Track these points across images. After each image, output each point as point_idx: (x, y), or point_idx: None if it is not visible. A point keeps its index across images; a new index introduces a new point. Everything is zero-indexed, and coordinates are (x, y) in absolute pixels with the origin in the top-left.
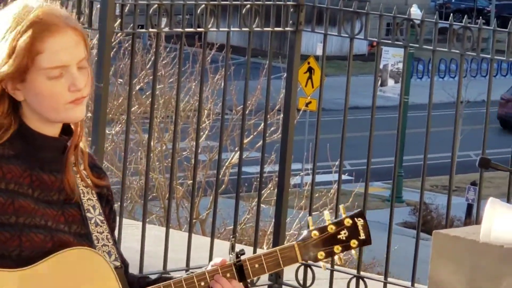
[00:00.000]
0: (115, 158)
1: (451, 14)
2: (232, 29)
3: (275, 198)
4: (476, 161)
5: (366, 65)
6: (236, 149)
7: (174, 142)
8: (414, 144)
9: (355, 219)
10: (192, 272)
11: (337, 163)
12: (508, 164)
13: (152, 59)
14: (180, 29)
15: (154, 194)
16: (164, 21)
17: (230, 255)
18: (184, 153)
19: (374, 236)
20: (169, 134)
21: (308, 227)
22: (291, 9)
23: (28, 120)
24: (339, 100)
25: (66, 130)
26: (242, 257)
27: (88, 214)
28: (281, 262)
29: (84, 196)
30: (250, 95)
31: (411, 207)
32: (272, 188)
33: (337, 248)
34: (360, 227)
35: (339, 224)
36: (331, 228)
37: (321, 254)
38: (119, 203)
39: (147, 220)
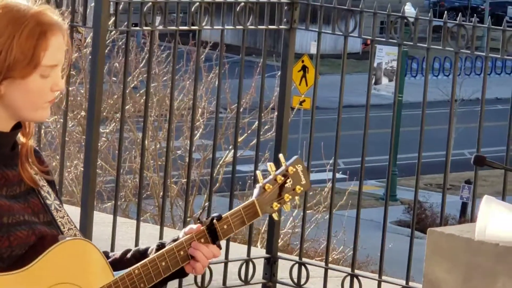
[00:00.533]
0: (109, 157)
1: (445, 12)
2: (226, 27)
3: None
4: (470, 159)
5: (360, 64)
6: (230, 147)
7: (168, 140)
8: (408, 142)
9: (296, 166)
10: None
11: (331, 161)
12: (503, 161)
13: (146, 57)
14: (174, 27)
15: (149, 193)
16: (158, 19)
17: (200, 219)
18: (178, 151)
19: (369, 234)
20: (163, 133)
21: (258, 181)
22: (285, 7)
23: None
24: (333, 98)
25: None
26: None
27: (47, 201)
28: (245, 219)
29: (39, 184)
30: (244, 93)
31: (405, 206)
32: None
33: (287, 197)
34: (300, 173)
35: (285, 174)
36: (280, 179)
37: (275, 205)
38: (113, 201)
39: (142, 218)
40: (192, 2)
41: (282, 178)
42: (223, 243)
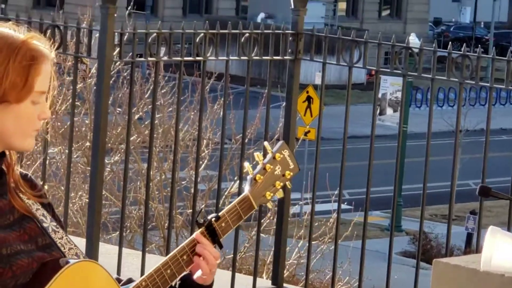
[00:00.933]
0: (114, 188)
1: (450, 42)
2: (231, 57)
3: (274, 227)
4: (475, 190)
5: (365, 94)
6: (236, 178)
7: (174, 171)
8: (413, 173)
9: (283, 152)
10: None
11: (336, 192)
12: (508, 192)
13: (151, 88)
14: (179, 58)
15: (154, 224)
16: (163, 50)
17: (199, 221)
18: (183, 182)
19: (374, 265)
20: (169, 164)
21: (248, 173)
22: (290, 38)
23: None
24: (338, 129)
25: None
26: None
27: (44, 224)
28: (241, 214)
29: (32, 207)
30: (249, 124)
31: (410, 236)
32: (271, 218)
33: (278, 184)
34: (288, 158)
35: (273, 162)
36: (269, 167)
37: (269, 194)
38: (118, 232)
39: (147, 249)
40: (197, 33)
41: (271, 166)
42: (228, 274)
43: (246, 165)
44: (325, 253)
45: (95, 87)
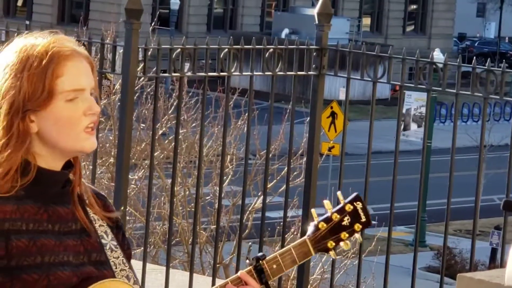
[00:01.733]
0: (138, 203)
1: (474, 57)
2: (255, 73)
3: None
4: (499, 205)
5: (389, 110)
6: (260, 193)
7: (198, 187)
8: (437, 188)
9: (354, 203)
10: None
11: None
12: None
13: (175, 103)
14: (203, 73)
15: (178, 239)
16: (187, 65)
17: (247, 261)
18: (207, 198)
19: (398, 280)
20: (193, 179)
21: (313, 219)
22: (314, 53)
23: (37, 157)
24: (362, 144)
25: (65, 164)
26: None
27: (103, 241)
28: (296, 258)
29: (96, 223)
30: (273, 139)
31: (434, 252)
32: (295, 233)
33: (344, 235)
34: (360, 211)
35: (342, 211)
36: (336, 217)
37: (331, 244)
38: (142, 248)
39: (171, 265)
40: (221, 48)
41: (338, 216)
42: None
43: (312, 211)
44: (349, 268)
45: (119, 103)
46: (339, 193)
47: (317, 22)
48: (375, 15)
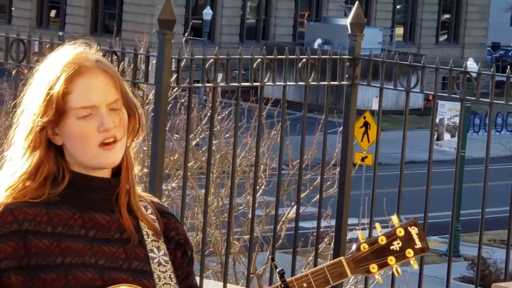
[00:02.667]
0: None
1: (508, 66)
2: (288, 83)
3: (331, 253)
4: None
5: (422, 119)
6: (293, 204)
7: (231, 197)
8: (471, 198)
9: (409, 228)
10: None
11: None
12: None
13: (208, 114)
14: (236, 84)
15: (211, 249)
16: (220, 75)
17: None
18: (240, 208)
19: None
20: (226, 189)
21: (358, 240)
22: (347, 63)
23: (72, 165)
24: (395, 154)
25: (117, 170)
26: (288, 278)
27: (151, 254)
28: (330, 279)
29: (148, 238)
30: (306, 150)
31: (468, 262)
32: (328, 243)
33: (390, 260)
34: (415, 236)
35: (391, 235)
36: (382, 240)
37: (373, 267)
38: None
39: (204, 275)
40: (254, 58)
41: (385, 239)
42: None
43: (359, 232)
44: (382, 278)
45: (152, 114)
46: (394, 216)
47: (350, 32)
48: (408, 25)
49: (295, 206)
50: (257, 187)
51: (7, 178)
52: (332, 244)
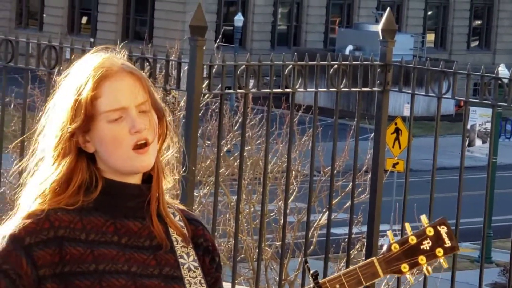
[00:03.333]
0: (204, 220)
1: None
2: (319, 89)
3: (363, 259)
4: None
5: (454, 126)
6: (324, 210)
7: (263, 203)
8: (503, 204)
9: (438, 227)
10: None
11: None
12: None
13: (240, 120)
14: (267, 90)
15: (243, 256)
16: (251, 82)
17: (310, 278)
18: (272, 214)
19: None
20: (257, 196)
21: (389, 241)
22: (379, 69)
23: (105, 172)
24: (427, 160)
25: (148, 177)
26: (321, 280)
27: (181, 260)
28: (362, 279)
29: (177, 244)
30: (338, 156)
31: (500, 268)
32: (360, 249)
33: (421, 259)
34: (444, 235)
35: (421, 234)
36: (412, 239)
37: (404, 267)
38: None
39: (236, 281)
40: (286, 64)
41: (415, 239)
42: None
43: (388, 232)
44: (414, 284)
45: (184, 120)
46: (423, 216)
47: (381, 38)
48: (439, 31)
49: (327, 212)
50: (289, 194)
51: (37, 187)
52: (364, 250)
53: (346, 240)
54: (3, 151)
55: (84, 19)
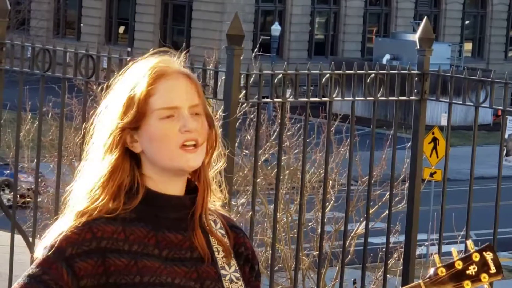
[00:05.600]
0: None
1: None
2: (357, 98)
3: (401, 268)
4: None
5: (491, 135)
6: (362, 219)
7: (300, 213)
8: None
9: (484, 253)
10: None
11: (462, 233)
12: None
13: (277, 130)
14: (305, 99)
15: (281, 265)
16: (288, 91)
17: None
18: (310, 223)
19: None
20: (295, 205)
21: (436, 265)
22: (416, 78)
23: (149, 180)
24: (464, 170)
25: (193, 189)
26: None
27: (223, 271)
28: None
29: (218, 254)
30: (375, 165)
31: None
32: (397, 259)
33: (466, 284)
34: (489, 261)
35: (467, 259)
36: (459, 264)
37: None
38: None
39: None
40: (323, 73)
41: (462, 264)
42: None
43: (435, 256)
44: None
45: (221, 129)
46: (469, 241)
47: (418, 47)
48: (476, 40)
49: (364, 222)
50: (326, 203)
51: (87, 182)
52: (401, 259)
53: (384, 249)
54: (41, 160)
55: (121, 29)
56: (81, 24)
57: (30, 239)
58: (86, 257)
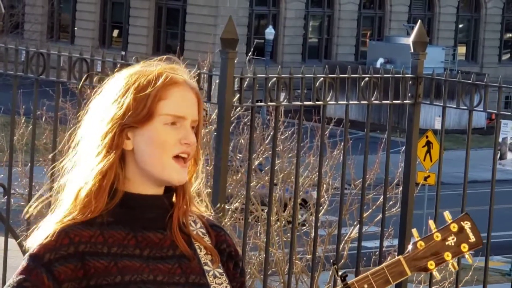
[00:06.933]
0: (235, 234)
1: None
2: (350, 102)
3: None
4: None
5: (485, 139)
6: (355, 223)
7: (294, 216)
8: None
9: (461, 222)
10: None
11: None
12: None
13: (271, 133)
14: (299, 103)
15: (274, 269)
16: (282, 95)
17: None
18: (303, 227)
19: None
20: (288, 209)
21: (414, 238)
22: (410, 82)
23: (128, 182)
24: (458, 174)
25: (168, 188)
26: (349, 280)
27: (206, 267)
28: (390, 278)
29: (201, 251)
30: (369, 169)
31: None
32: None
33: (447, 255)
34: (468, 230)
35: (445, 231)
36: (437, 236)
37: (430, 264)
38: None
39: None
40: (317, 77)
41: (440, 235)
42: None
43: (413, 230)
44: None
45: (215, 133)
46: (446, 213)
47: (412, 50)
48: (470, 44)
49: (358, 226)
50: (320, 207)
51: (83, 175)
52: None
53: (377, 253)
54: (35, 164)
55: (115, 32)
56: (75, 28)
57: (24, 243)
58: (65, 261)
